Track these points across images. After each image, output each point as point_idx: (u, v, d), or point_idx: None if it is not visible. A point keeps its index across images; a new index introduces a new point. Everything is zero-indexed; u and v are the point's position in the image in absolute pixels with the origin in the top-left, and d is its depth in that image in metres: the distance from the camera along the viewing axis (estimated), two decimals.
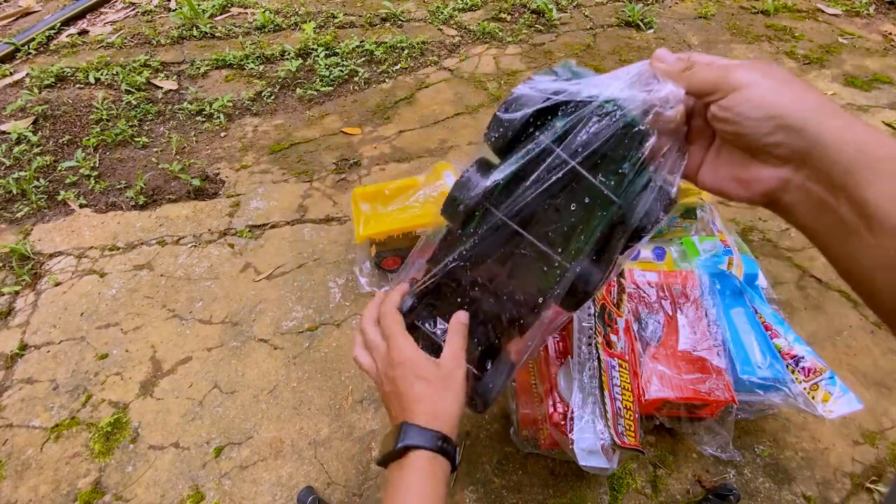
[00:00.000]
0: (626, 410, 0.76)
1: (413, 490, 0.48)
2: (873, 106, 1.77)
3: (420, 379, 0.52)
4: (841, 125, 0.35)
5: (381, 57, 2.01)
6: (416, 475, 0.49)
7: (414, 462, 0.49)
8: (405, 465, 0.49)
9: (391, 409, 0.55)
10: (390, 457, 0.51)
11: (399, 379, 0.53)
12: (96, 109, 1.75)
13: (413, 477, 0.49)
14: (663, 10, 2.35)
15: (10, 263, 1.30)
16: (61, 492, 0.92)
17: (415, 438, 0.50)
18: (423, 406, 0.52)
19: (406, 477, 0.49)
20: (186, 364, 1.09)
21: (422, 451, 0.49)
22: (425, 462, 0.49)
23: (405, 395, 0.53)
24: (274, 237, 1.35)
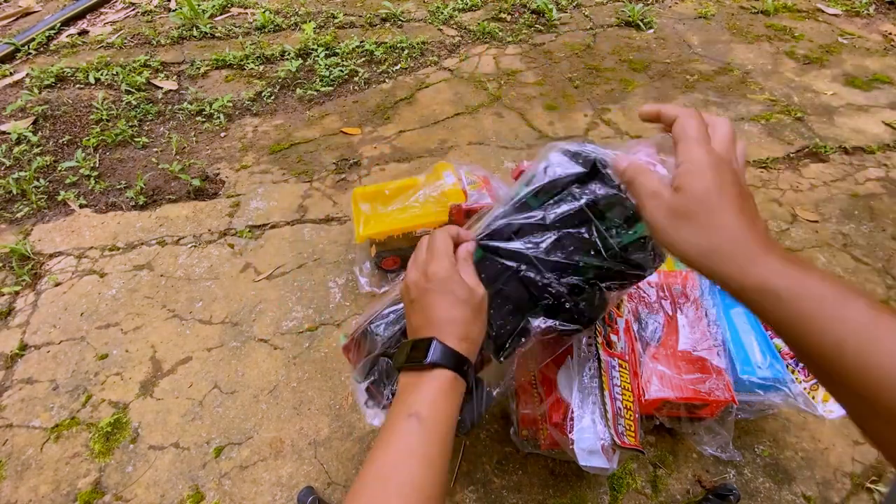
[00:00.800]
0: (627, 410, 0.76)
1: (431, 402, 0.48)
2: (873, 106, 1.77)
3: (457, 299, 0.52)
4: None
5: (381, 57, 2.01)
6: (437, 391, 0.49)
7: (437, 378, 0.49)
8: (427, 378, 0.50)
9: (416, 318, 0.54)
10: (413, 366, 0.51)
11: (434, 293, 0.52)
12: (96, 109, 1.75)
13: (434, 392, 0.49)
14: (663, 10, 2.35)
15: (10, 263, 1.30)
16: (61, 492, 0.92)
17: (444, 358, 0.50)
18: (456, 328, 0.52)
19: (426, 389, 0.49)
20: (186, 364, 1.09)
21: (447, 371, 0.50)
22: (447, 381, 0.50)
23: (438, 311, 0.52)
24: (274, 237, 1.35)
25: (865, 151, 1.59)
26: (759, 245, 0.38)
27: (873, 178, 1.50)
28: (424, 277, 0.54)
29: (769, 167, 1.53)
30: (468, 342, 0.52)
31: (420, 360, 0.50)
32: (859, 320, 0.32)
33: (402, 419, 0.47)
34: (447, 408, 0.49)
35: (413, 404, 0.48)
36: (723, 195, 0.39)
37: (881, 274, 1.23)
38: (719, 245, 0.38)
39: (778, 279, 0.36)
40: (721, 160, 0.41)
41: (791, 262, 0.37)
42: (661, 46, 2.09)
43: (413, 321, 0.55)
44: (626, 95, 1.82)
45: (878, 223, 1.36)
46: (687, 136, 0.43)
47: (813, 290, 0.34)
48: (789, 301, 0.35)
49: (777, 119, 1.71)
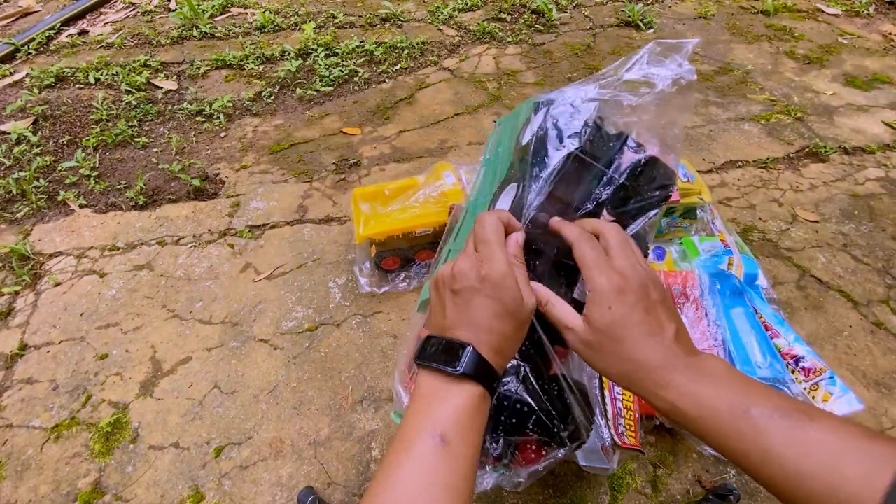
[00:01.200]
0: (627, 411, 0.76)
1: (457, 421, 0.43)
2: (873, 106, 1.77)
3: (505, 309, 0.46)
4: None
5: (381, 57, 2.01)
6: (465, 409, 0.43)
7: (468, 392, 0.44)
8: (455, 391, 0.44)
9: (451, 313, 0.48)
10: (440, 370, 0.45)
11: (483, 295, 0.46)
12: (96, 109, 1.75)
13: (462, 410, 0.43)
14: (663, 10, 2.35)
15: (10, 263, 1.30)
16: (61, 492, 0.92)
17: (477, 370, 0.44)
18: (494, 339, 0.46)
19: (453, 405, 0.43)
20: (186, 364, 1.09)
21: (478, 387, 0.44)
22: (478, 398, 0.44)
23: (480, 314, 0.46)
24: (274, 237, 1.35)
25: (865, 151, 1.59)
26: (666, 367, 0.41)
27: (873, 178, 1.50)
28: (477, 274, 0.46)
29: (769, 167, 1.53)
30: (502, 357, 0.46)
31: (452, 366, 0.44)
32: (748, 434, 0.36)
33: (424, 438, 0.41)
34: (475, 429, 0.44)
35: (437, 420, 0.42)
36: (626, 326, 0.42)
37: (881, 274, 1.23)
38: (630, 373, 0.42)
39: (682, 401, 0.40)
40: (622, 282, 0.43)
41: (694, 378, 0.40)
42: None
43: (447, 314, 0.48)
44: None
45: (878, 223, 1.36)
46: (585, 265, 0.45)
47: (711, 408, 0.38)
48: (695, 420, 0.39)
49: (777, 119, 1.71)
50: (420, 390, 0.45)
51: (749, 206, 1.40)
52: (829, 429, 0.35)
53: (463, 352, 0.44)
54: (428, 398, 0.44)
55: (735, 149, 1.59)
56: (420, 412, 0.44)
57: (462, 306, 0.47)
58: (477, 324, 0.46)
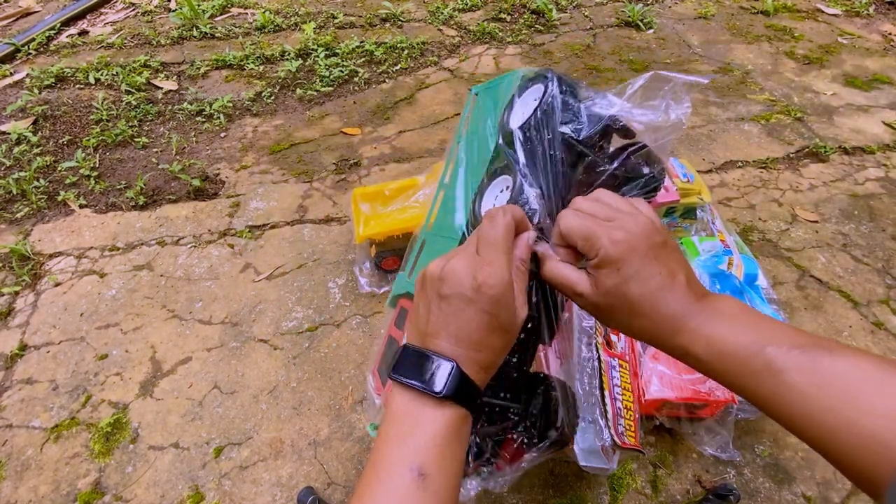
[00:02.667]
0: (627, 411, 0.77)
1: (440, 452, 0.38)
2: (873, 106, 1.77)
3: (498, 325, 0.41)
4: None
5: (381, 57, 2.01)
6: (445, 435, 0.39)
7: (448, 416, 0.39)
8: (434, 415, 0.39)
9: (436, 319, 0.42)
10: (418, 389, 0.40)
11: (476, 309, 0.40)
12: (96, 110, 1.75)
13: (442, 437, 0.39)
14: (663, 10, 2.35)
15: (10, 263, 1.30)
16: (61, 492, 0.92)
17: (461, 393, 0.39)
18: (482, 356, 0.41)
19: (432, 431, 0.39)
20: (186, 364, 1.09)
21: (461, 409, 0.40)
22: (459, 422, 0.40)
23: (470, 328, 0.41)
24: (274, 237, 1.35)
25: (865, 151, 1.59)
26: (679, 315, 0.40)
27: (873, 179, 1.50)
28: (472, 282, 0.40)
29: (769, 167, 1.53)
30: (487, 374, 0.42)
31: (432, 386, 0.39)
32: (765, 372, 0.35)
33: (401, 471, 0.37)
34: (456, 456, 0.39)
35: (415, 450, 0.38)
36: (637, 283, 0.40)
37: (881, 274, 1.23)
38: (644, 327, 0.41)
39: (696, 345, 0.39)
40: (624, 236, 0.41)
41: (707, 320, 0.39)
42: (661, 46, 2.09)
43: (430, 320, 0.42)
44: None
45: (878, 223, 1.36)
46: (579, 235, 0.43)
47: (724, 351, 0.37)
48: (710, 363, 0.38)
49: (777, 119, 1.71)
50: (395, 410, 0.40)
51: (749, 207, 1.40)
52: (849, 362, 0.33)
53: (445, 370, 0.39)
54: (404, 421, 0.39)
55: (735, 149, 1.59)
56: (395, 439, 0.39)
57: (449, 315, 0.41)
58: (464, 338, 0.41)
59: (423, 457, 0.37)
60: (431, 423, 0.39)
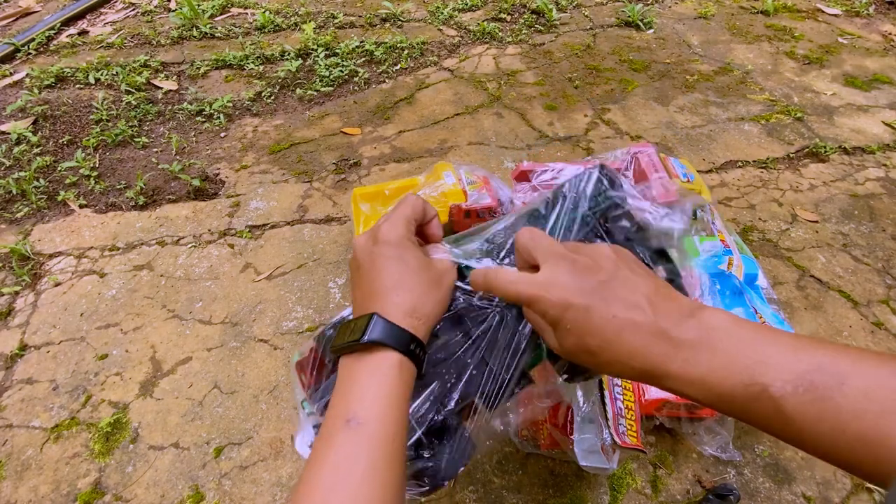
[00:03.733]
0: (628, 410, 0.77)
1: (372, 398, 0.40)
2: (873, 106, 1.77)
3: (407, 267, 0.44)
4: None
5: (381, 57, 2.01)
6: (379, 381, 0.40)
7: (378, 362, 0.41)
8: (366, 364, 0.41)
9: (359, 292, 0.46)
10: (350, 348, 0.43)
11: (382, 258, 0.44)
12: (96, 109, 1.75)
13: (376, 383, 0.40)
14: (663, 10, 2.35)
15: (10, 263, 1.30)
16: (61, 492, 0.92)
17: (385, 335, 0.41)
18: (401, 297, 0.43)
19: (366, 380, 0.41)
20: (186, 364, 1.09)
21: (390, 353, 0.41)
22: (391, 366, 0.41)
23: (384, 279, 0.44)
24: (274, 237, 1.35)
25: (865, 151, 1.59)
26: (657, 358, 0.36)
27: (873, 178, 1.50)
28: (373, 240, 0.45)
29: (769, 167, 1.53)
30: (418, 318, 0.43)
31: (356, 340, 0.41)
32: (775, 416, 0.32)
33: (339, 424, 0.39)
34: (394, 400, 0.40)
35: (351, 401, 0.40)
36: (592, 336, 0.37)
37: (881, 274, 1.23)
38: (631, 375, 0.38)
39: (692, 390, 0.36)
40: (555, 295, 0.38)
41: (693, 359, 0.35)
42: (661, 46, 2.09)
43: (357, 296, 0.46)
44: (626, 95, 1.82)
45: (878, 223, 1.36)
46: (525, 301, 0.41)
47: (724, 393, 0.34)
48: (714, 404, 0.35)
49: (777, 119, 1.71)
50: (338, 378, 0.43)
51: (749, 206, 1.40)
52: (862, 394, 0.29)
53: (365, 320, 0.42)
54: (344, 381, 0.42)
55: (735, 149, 1.59)
56: (336, 397, 0.41)
57: (363, 279, 0.45)
58: (382, 290, 0.43)
59: (358, 406, 0.39)
60: (365, 374, 0.41)
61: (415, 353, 0.42)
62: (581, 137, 1.64)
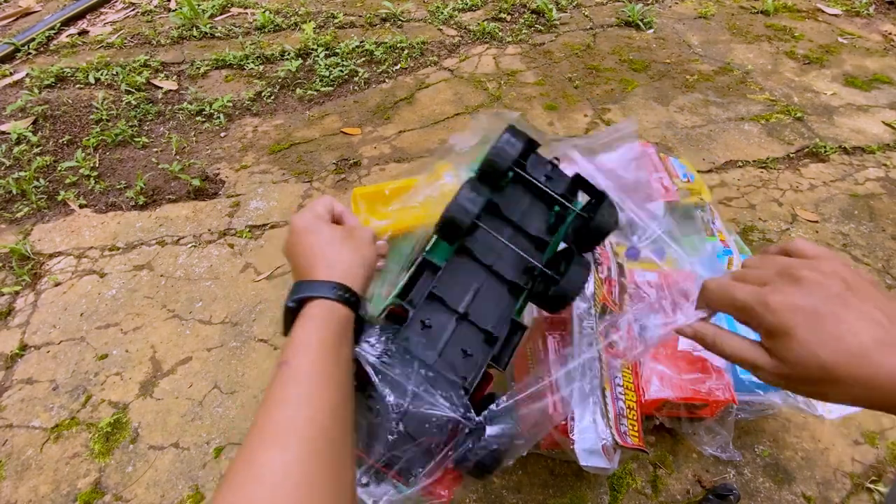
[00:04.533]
0: (630, 411, 0.77)
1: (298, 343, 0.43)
2: (873, 106, 1.77)
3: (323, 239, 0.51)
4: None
5: (381, 57, 2.01)
6: (304, 329, 0.44)
7: (309, 312, 0.45)
8: (299, 318, 0.46)
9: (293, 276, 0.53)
10: (287, 319, 0.47)
11: (299, 239, 0.52)
12: (96, 109, 1.75)
13: (302, 331, 0.44)
14: (663, 10, 2.35)
15: (10, 263, 1.30)
16: (61, 492, 0.92)
17: (307, 290, 0.47)
18: (320, 261, 0.49)
19: (294, 332, 0.45)
20: (186, 364, 1.09)
21: (317, 301, 0.46)
22: (322, 310, 0.45)
23: (303, 256, 0.51)
24: (274, 237, 1.35)
25: (865, 151, 1.59)
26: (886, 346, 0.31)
27: (873, 178, 1.50)
28: (292, 234, 0.54)
29: (769, 167, 1.53)
30: (338, 269, 0.48)
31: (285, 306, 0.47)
32: None
33: (274, 371, 0.43)
34: (321, 340, 0.43)
35: (285, 350, 0.44)
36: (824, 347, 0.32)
37: (881, 274, 1.23)
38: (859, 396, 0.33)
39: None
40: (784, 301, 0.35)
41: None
42: (661, 46, 2.09)
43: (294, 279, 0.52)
44: (626, 95, 1.82)
45: (878, 223, 1.36)
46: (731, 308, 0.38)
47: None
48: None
49: (777, 119, 1.71)
50: None
51: (749, 206, 1.40)
52: None
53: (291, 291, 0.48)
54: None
55: (735, 149, 1.59)
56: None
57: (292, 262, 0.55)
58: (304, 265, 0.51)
59: (287, 352, 0.43)
60: (296, 327, 0.45)
61: (344, 298, 0.47)
62: (580, 137, 1.64)
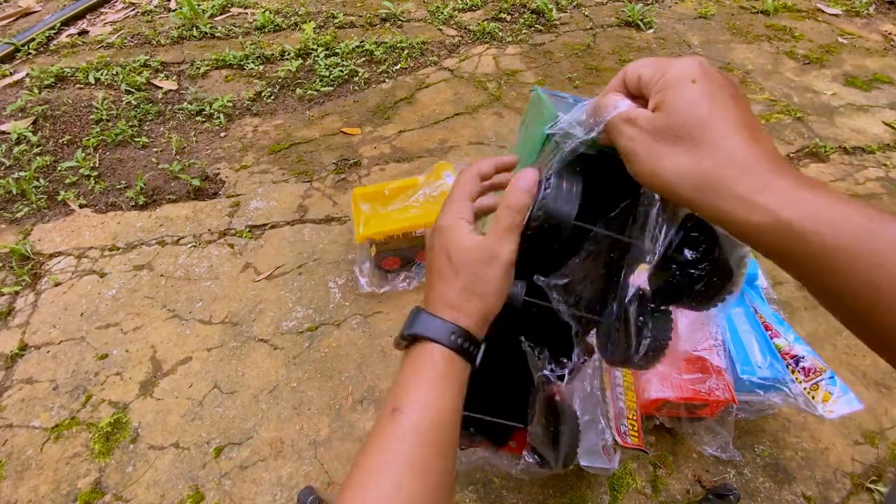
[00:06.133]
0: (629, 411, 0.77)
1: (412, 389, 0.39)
2: (873, 106, 1.77)
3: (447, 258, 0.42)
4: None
5: (381, 57, 2.01)
6: (417, 373, 0.40)
7: (419, 354, 0.41)
8: (412, 354, 0.41)
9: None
10: (398, 344, 0.44)
11: (432, 249, 0.44)
12: (96, 109, 1.75)
13: (413, 375, 0.40)
14: (663, 10, 2.35)
15: (10, 263, 1.30)
16: (61, 492, 0.92)
17: (423, 327, 0.41)
18: (443, 293, 0.42)
19: (405, 372, 0.41)
20: (186, 364, 1.09)
21: (430, 345, 0.40)
22: (434, 358, 0.40)
23: (431, 268, 0.44)
24: (274, 237, 1.35)
25: (865, 151, 1.59)
26: (765, 166, 0.29)
27: (873, 178, 1.50)
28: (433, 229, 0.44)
29: None
30: (459, 310, 0.41)
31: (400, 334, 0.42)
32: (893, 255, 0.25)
33: (386, 415, 0.39)
34: (434, 393, 0.39)
35: (398, 393, 0.40)
36: (715, 105, 0.31)
37: None
38: (714, 171, 0.30)
39: (791, 209, 0.28)
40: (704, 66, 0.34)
41: (807, 186, 0.28)
42: (661, 46, 2.09)
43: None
44: None
45: None
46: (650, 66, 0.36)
47: (837, 220, 0.27)
48: (807, 236, 0.27)
49: (777, 119, 1.71)
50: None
51: None
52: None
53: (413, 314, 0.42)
54: (399, 372, 0.42)
55: None
56: (392, 386, 0.42)
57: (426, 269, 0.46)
58: (429, 283, 0.44)
59: (398, 396, 0.39)
60: (408, 366, 0.41)
61: (461, 346, 0.40)
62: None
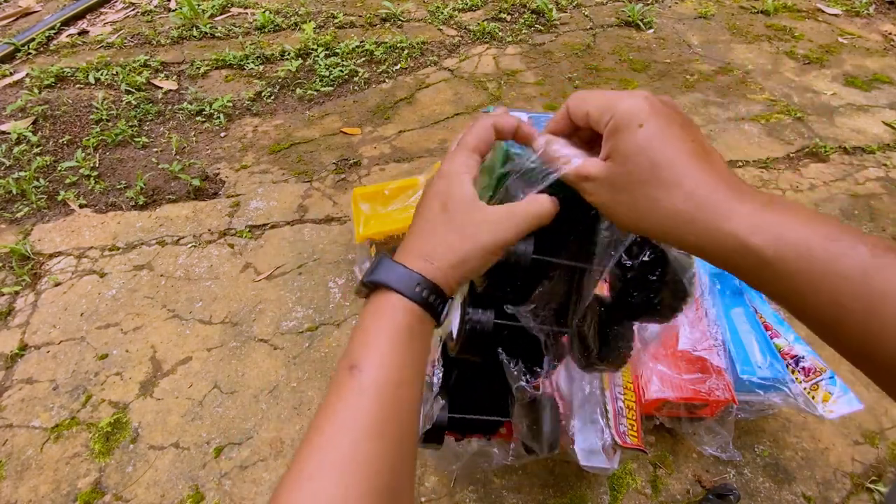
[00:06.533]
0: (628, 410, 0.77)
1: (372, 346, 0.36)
2: (873, 106, 1.77)
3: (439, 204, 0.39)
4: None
5: (381, 57, 2.01)
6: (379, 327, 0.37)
7: (381, 304, 0.37)
8: (373, 304, 0.38)
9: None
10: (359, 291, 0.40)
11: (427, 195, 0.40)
12: (96, 109, 1.75)
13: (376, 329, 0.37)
14: (663, 10, 2.35)
15: (10, 263, 1.30)
16: (61, 492, 0.92)
17: (385, 275, 0.37)
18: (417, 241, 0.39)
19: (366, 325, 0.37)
20: (186, 364, 1.09)
21: (392, 295, 0.37)
22: (395, 309, 0.37)
23: (417, 216, 0.40)
24: (274, 237, 1.35)
25: (865, 151, 1.59)
26: (725, 194, 0.30)
27: (873, 178, 1.50)
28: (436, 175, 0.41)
29: (769, 167, 1.53)
30: (431, 262, 0.37)
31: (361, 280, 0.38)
32: (855, 276, 0.26)
33: (342, 372, 0.36)
34: (395, 349, 0.36)
35: (353, 349, 0.36)
36: (666, 144, 0.32)
37: None
38: (678, 211, 0.31)
39: (756, 236, 0.29)
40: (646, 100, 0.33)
41: (769, 208, 0.30)
42: (661, 46, 2.09)
43: None
44: None
45: (879, 223, 1.36)
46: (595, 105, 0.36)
47: (799, 243, 0.28)
48: (772, 261, 0.29)
49: (777, 119, 1.71)
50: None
51: None
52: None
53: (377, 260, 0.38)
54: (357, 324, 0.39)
55: (735, 149, 1.59)
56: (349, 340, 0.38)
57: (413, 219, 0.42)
58: (410, 230, 0.40)
59: (356, 352, 0.36)
60: (368, 316, 0.37)
61: (425, 299, 0.37)
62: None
